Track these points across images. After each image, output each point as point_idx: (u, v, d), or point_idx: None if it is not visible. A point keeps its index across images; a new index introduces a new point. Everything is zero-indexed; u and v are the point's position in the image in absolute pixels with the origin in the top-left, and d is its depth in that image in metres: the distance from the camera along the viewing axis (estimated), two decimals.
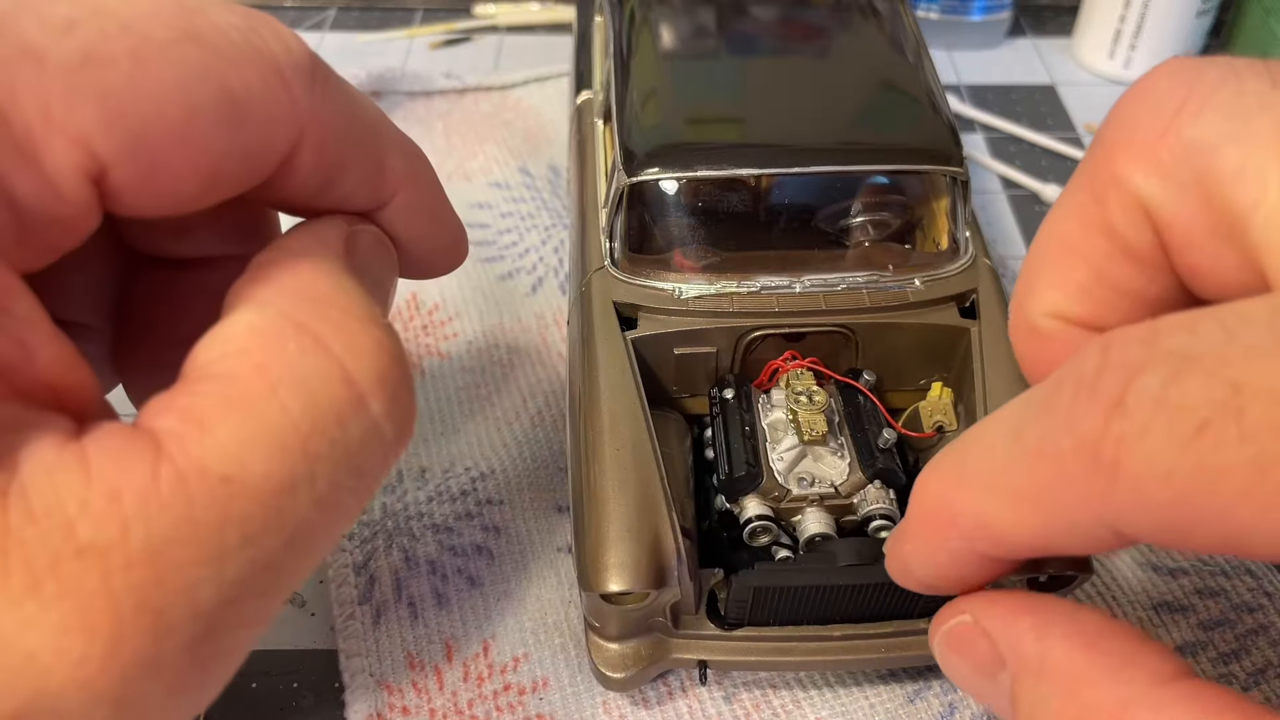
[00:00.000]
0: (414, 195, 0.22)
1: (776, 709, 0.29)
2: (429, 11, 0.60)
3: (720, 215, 0.31)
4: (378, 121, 0.21)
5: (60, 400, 0.15)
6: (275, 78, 0.17)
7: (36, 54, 0.15)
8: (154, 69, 0.16)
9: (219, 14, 0.17)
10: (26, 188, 0.15)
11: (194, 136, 0.16)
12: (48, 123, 0.15)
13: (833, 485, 0.28)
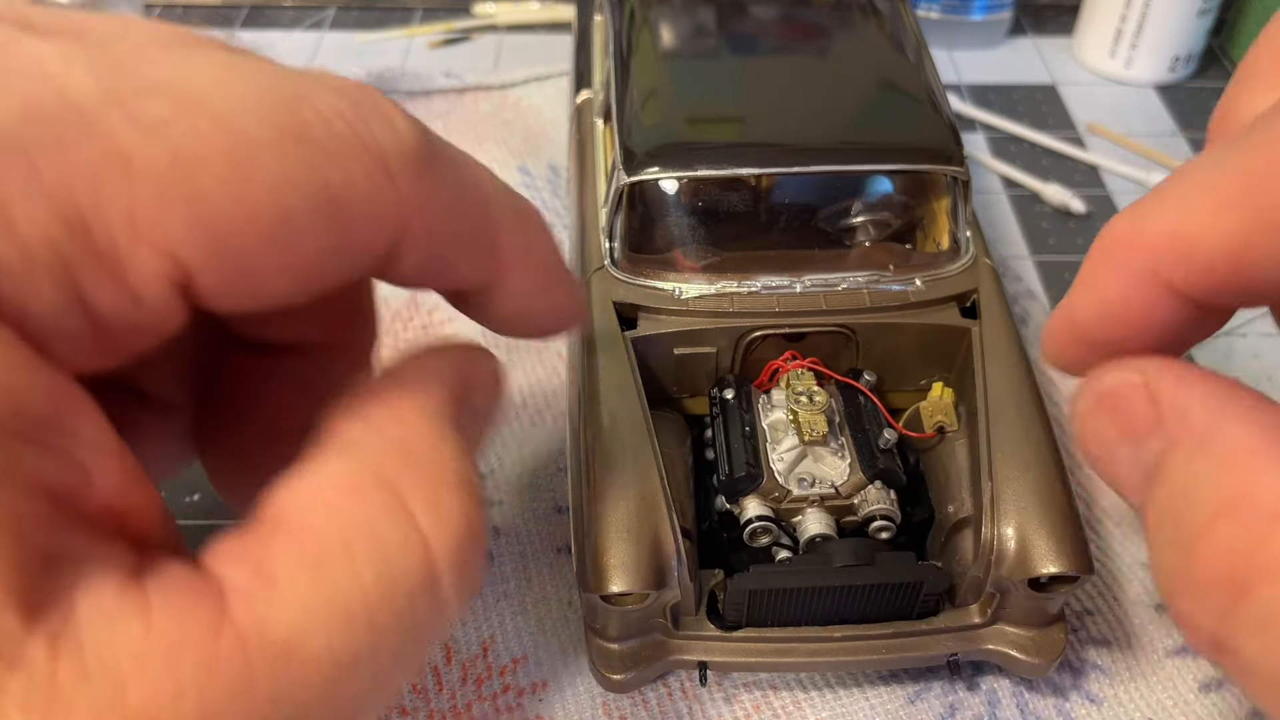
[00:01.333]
0: (528, 271, 0.20)
1: (777, 710, 0.29)
2: (428, 11, 0.60)
3: (720, 215, 0.31)
4: (489, 196, 0.19)
5: (123, 524, 0.15)
6: (380, 171, 0.16)
7: (124, 157, 0.14)
8: (248, 171, 0.14)
9: (324, 100, 0.16)
10: (107, 298, 0.14)
11: (288, 240, 0.15)
12: (133, 233, 0.14)
13: (833, 486, 0.28)
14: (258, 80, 0.15)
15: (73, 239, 0.13)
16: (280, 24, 0.59)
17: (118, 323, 0.14)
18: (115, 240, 0.14)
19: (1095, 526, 0.33)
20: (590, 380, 0.28)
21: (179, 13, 0.60)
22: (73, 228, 0.13)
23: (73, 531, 0.14)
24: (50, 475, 0.13)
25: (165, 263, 0.14)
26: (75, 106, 0.14)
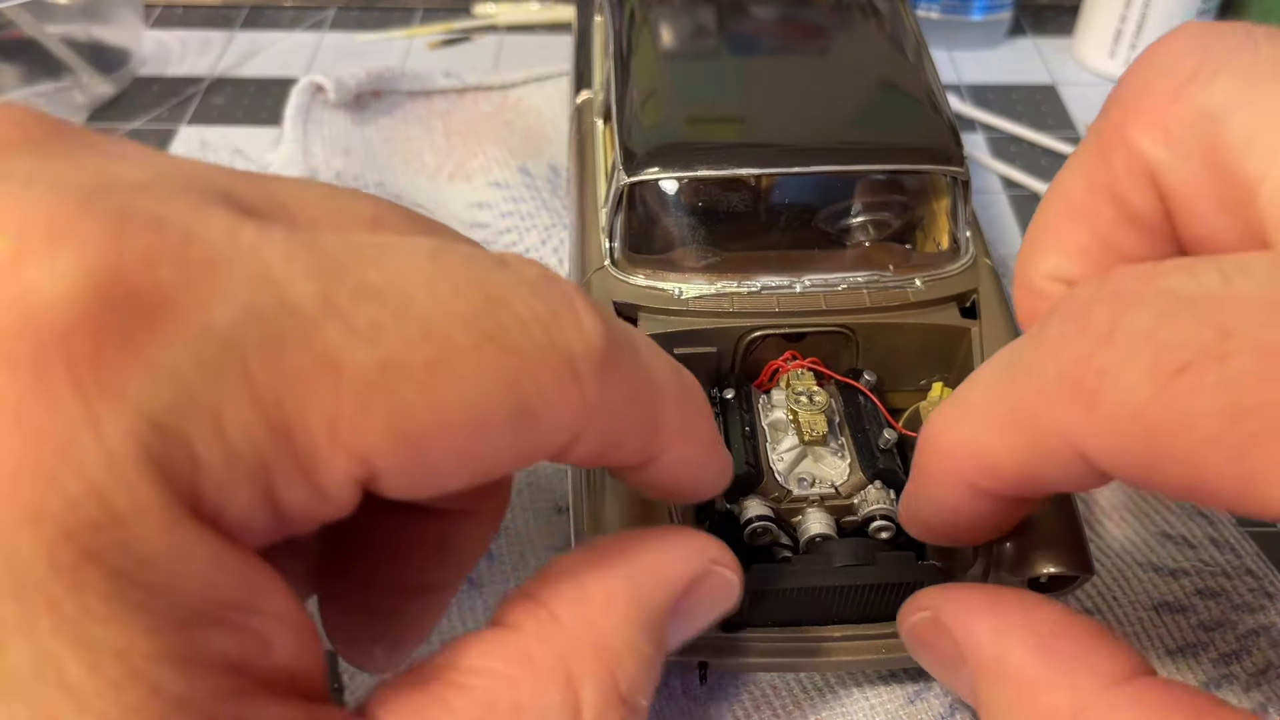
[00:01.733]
0: (687, 449, 0.20)
1: (776, 709, 0.29)
2: (428, 11, 0.60)
3: (720, 215, 0.31)
4: (660, 383, 0.19)
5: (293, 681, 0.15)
6: (569, 375, 0.16)
7: (335, 366, 0.14)
8: (449, 381, 0.15)
9: (522, 303, 0.16)
10: (296, 497, 0.14)
11: (476, 446, 0.15)
12: (332, 440, 0.14)
13: (833, 486, 0.28)
14: (462, 279, 0.15)
15: (276, 446, 0.14)
16: (280, 24, 0.59)
17: (297, 515, 0.15)
18: (315, 447, 0.14)
19: (1095, 526, 0.33)
20: None
21: (179, 12, 0.60)
22: (277, 435, 0.13)
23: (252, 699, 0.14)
24: (237, 651, 0.14)
25: (357, 466, 0.14)
26: (295, 312, 0.14)
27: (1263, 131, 0.16)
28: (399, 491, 0.15)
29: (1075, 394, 0.16)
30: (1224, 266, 0.15)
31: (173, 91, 0.54)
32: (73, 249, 0.12)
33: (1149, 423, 0.15)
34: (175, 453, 0.13)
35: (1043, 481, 0.18)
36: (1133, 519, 0.33)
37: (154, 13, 0.60)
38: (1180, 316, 0.15)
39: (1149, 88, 0.18)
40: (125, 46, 0.54)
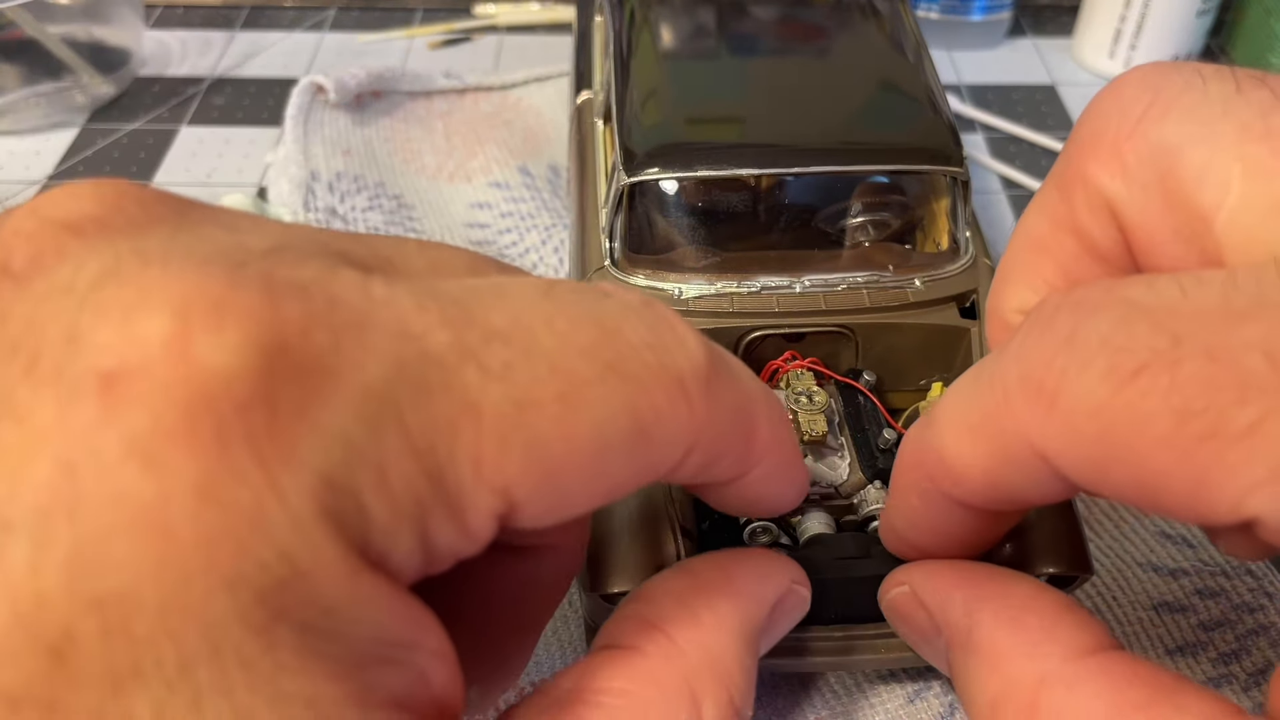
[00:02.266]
0: (775, 463, 0.21)
1: (777, 709, 0.29)
2: (429, 11, 0.60)
3: (720, 215, 0.31)
4: (754, 402, 0.20)
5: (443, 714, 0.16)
6: (680, 395, 0.17)
7: (476, 408, 0.14)
8: (577, 411, 0.15)
9: (634, 331, 0.17)
10: (446, 537, 0.15)
11: (603, 469, 0.16)
12: (477, 479, 0.15)
13: (833, 485, 0.28)
14: (576, 314, 0.16)
15: (431, 490, 0.14)
16: (280, 24, 0.59)
17: (446, 554, 0.15)
18: (462, 487, 0.14)
19: (1095, 526, 0.33)
20: None
21: (179, 13, 0.60)
22: (431, 479, 0.14)
23: None
24: (404, 687, 0.15)
25: (499, 501, 0.15)
26: (436, 362, 0.14)
27: (1215, 163, 0.17)
28: (531, 521, 0.16)
29: (1036, 395, 0.17)
30: (1181, 280, 0.16)
31: (173, 92, 0.54)
32: (237, 323, 0.13)
33: (1104, 423, 0.16)
34: (347, 506, 0.13)
35: (1010, 489, 0.19)
36: (1133, 519, 0.33)
37: (154, 13, 0.60)
38: (1138, 323, 0.16)
39: (1104, 126, 0.19)
40: (126, 47, 0.54)
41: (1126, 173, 0.19)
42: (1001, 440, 0.18)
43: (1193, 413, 0.15)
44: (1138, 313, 0.16)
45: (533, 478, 0.15)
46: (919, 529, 0.22)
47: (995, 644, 0.19)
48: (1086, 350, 0.16)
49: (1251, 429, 0.14)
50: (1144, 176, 0.18)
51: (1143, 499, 0.16)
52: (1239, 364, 0.15)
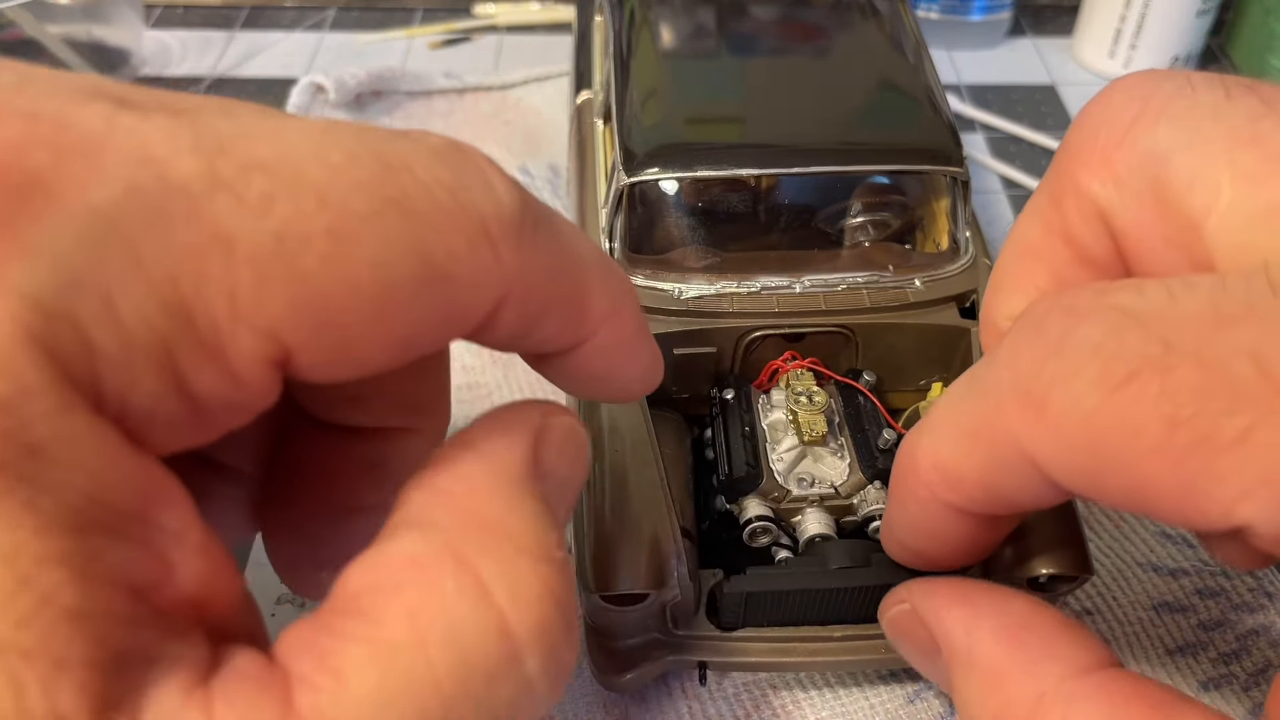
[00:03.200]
0: (614, 333, 0.20)
1: (776, 709, 0.29)
2: (429, 11, 0.60)
3: (720, 215, 0.31)
4: (584, 262, 0.19)
5: (201, 613, 0.14)
6: (482, 239, 0.16)
7: (228, 240, 0.13)
8: (351, 247, 0.14)
9: (425, 168, 0.15)
10: (206, 381, 0.14)
11: (390, 313, 0.15)
12: (234, 316, 0.13)
13: (833, 486, 0.28)
14: (357, 149, 0.15)
15: (174, 324, 0.13)
16: (280, 24, 0.59)
17: (215, 403, 0.14)
18: (217, 325, 0.13)
19: (1095, 527, 0.33)
20: None
21: (179, 12, 0.60)
22: (174, 313, 0.13)
23: (149, 627, 0.13)
24: (133, 569, 0.13)
25: (266, 343, 0.14)
26: (180, 190, 0.13)
27: (1204, 169, 0.17)
28: (320, 373, 0.15)
29: (1027, 402, 0.17)
30: (1170, 286, 0.16)
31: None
32: None
33: (1095, 430, 0.16)
34: (64, 335, 0.12)
35: (1003, 494, 0.19)
36: (1133, 519, 0.33)
37: (154, 13, 0.60)
38: (1128, 330, 0.16)
39: (1095, 135, 0.19)
40: (126, 47, 0.54)
41: (1117, 180, 0.19)
42: (994, 447, 0.18)
43: (1182, 420, 0.15)
44: (1128, 320, 0.16)
45: (304, 319, 0.14)
46: (918, 535, 0.22)
47: (995, 662, 0.19)
48: (1077, 357, 0.16)
49: (1242, 437, 0.14)
50: (1134, 183, 0.18)
51: (1135, 505, 0.16)
52: (1228, 371, 0.15)
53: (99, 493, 0.13)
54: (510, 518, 0.16)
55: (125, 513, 0.13)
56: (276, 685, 0.14)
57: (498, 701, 0.15)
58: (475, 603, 0.15)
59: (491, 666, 0.15)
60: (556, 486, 0.19)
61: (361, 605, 0.15)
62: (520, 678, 0.15)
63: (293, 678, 0.14)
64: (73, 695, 0.12)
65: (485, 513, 0.16)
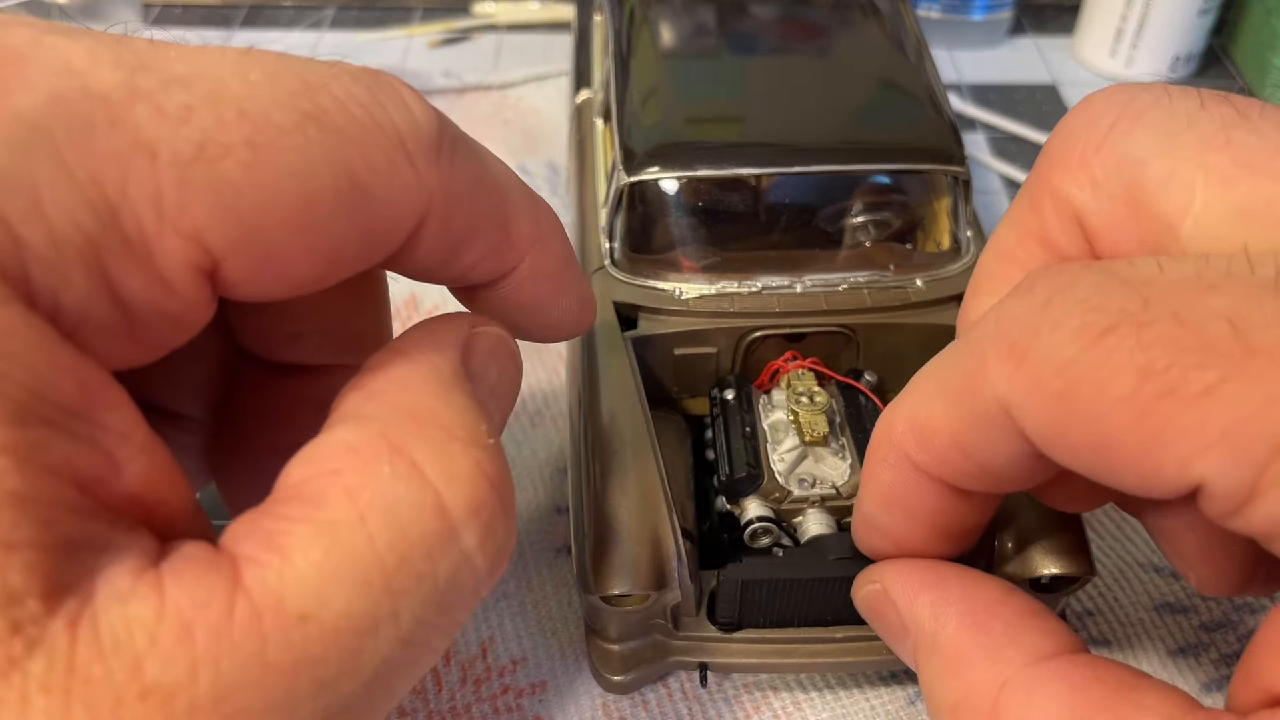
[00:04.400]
0: (540, 261, 0.20)
1: (777, 711, 0.29)
2: (428, 11, 0.60)
3: (721, 215, 0.31)
4: (505, 186, 0.20)
5: (147, 512, 0.15)
6: (400, 155, 0.16)
7: (150, 146, 0.14)
8: (271, 157, 0.15)
9: (342, 87, 0.16)
10: (137, 286, 0.14)
11: (312, 224, 0.16)
12: (160, 219, 0.14)
13: (834, 486, 0.28)
14: (275, 69, 0.16)
15: (101, 225, 0.14)
16: (279, 24, 0.59)
17: (148, 311, 0.15)
18: (143, 227, 0.14)
19: (1097, 527, 0.33)
20: (590, 381, 0.28)
21: (178, 12, 0.60)
22: (101, 214, 0.14)
23: (96, 519, 0.14)
24: (78, 463, 0.14)
25: (192, 249, 0.14)
26: (101, 98, 0.14)
27: (1180, 172, 0.17)
28: (249, 288, 0.16)
29: (1009, 351, 0.17)
30: (1159, 259, 0.17)
31: None
32: None
33: (1069, 378, 0.16)
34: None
35: (976, 455, 0.19)
36: (1133, 520, 0.33)
37: (153, 12, 0.60)
38: (1113, 289, 0.16)
39: (1073, 140, 0.20)
40: None
41: (1094, 184, 0.19)
42: (970, 399, 0.18)
43: (1154, 372, 0.15)
44: (1114, 280, 0.16)
45: (228, 226, 0.15)
46: (889, 508, 0.21)
47: (959, 648, 0.19)
48: (1061, 310, 0.16)
49: (1209, 391, 0.14)
50: (1111, 187, 0.19)
51: (1095, 461, 0.16)
52: (1204, 329, 0.15)
53: (38, 386, 0.13)
54: (441, 409, 0.17)
55: (67, 408, 0.13)
56: (224, 566, 0.14)
57: (438, 574, 0.16)
58: (410, 483, 0.16)
59: (430, 541, 0.16)
60: (487, 391, 0.19)
61: (302, 492, 0.16)
62: (458, 553, 0.16)
63: (240, 559, 0.14)
64: (22, 575, 0.12)
65: (417, 406, 0.17)
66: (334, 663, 0.14)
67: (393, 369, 0.18)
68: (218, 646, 0.13)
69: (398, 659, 0.15)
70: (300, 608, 0.14)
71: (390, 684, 0.16)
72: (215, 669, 0.13)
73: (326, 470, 0.16)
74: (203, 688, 0.13)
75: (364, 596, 0.15)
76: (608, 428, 0.27)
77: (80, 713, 0.12)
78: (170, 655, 0.13)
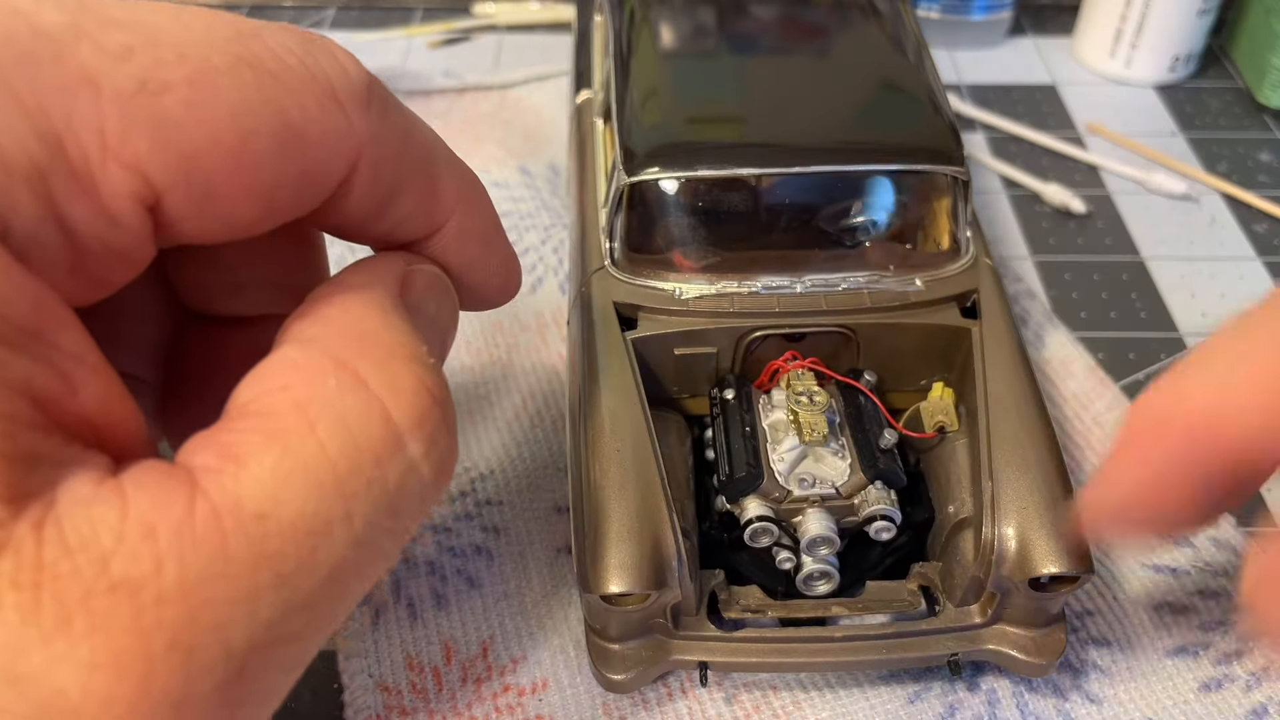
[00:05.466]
0: (467, 220, 0.21)
1: (777, 710, 0.29)
2: (428, 11, 0.60)
3: (720, 215, 0.31)
4: (432, 145, 0.21)
5: (102, 437, 0.15)
6: (331, 101, 0.17)
7: (93, 81, 0.15)
8: (209, 95, 0.16)
9: (275, 38, 0.17)
10: (81, 214, 0.15)
11: (249, 162, 0.16)
12: (103, 150, 0.15)
13: (834, 486, 0.28)
14: (211, 19, 0.17)
15: (48, 153, 0.14)
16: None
17: (93, 242, 0.15)
18: (87, 156, 0.15)
19: None
20: (590, 381, 0.28)
21: None
22: (48, 143, 0.14)
23: (54, 435, 0.14)
24: (35, 381, 0.14)
25: (135, 180, 0.15)
26: (46, 36, 0.15)
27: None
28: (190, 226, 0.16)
29: None
30: None
31: None
32: None
33: None
34: None
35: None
36: None
37: None
38: None
39: None
40: None
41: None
42: None
43: None
44: None
45: (169, 159, 0.15)
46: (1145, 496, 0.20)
47: None
48: None
49: None
50: None
51: None
52: None
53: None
54: (383, 331, 0.18)
55: (22, 327, 0.14)
56: (180, 475, 0.15)
57: (388, 480, 0.16)
58: (356, 394, 0.16)
59: (378, 449, 0.16)
60: (427, 322, 0.20)
61: (251, 409, 0.16)
62: (405, 460, 0.17)
63: (195, 469, 0.15)
64: None
65: (360, 327, 0.18)
66: (291, 558, 0.15)
67: (334, 298, 0.19)
68: (180, 543, 0.14)
69: (351, 560, 0.16)
70: (257, 508, 0.15)
71: (345, 584, 0.16)
72: (180, 563, 0.14)
73: (275, 387, 0.16)
74: (168, 580, 0.14)
75: (318, 498, 0.15)
76: (608, 427, 0.27)
77: (50, 605, 0.13)
78: (135, 551, 0.14)
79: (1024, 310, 0.40)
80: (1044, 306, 0.41)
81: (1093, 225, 0.45)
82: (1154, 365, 0.39)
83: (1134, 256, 0.44)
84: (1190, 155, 0.49)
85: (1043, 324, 0.40)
